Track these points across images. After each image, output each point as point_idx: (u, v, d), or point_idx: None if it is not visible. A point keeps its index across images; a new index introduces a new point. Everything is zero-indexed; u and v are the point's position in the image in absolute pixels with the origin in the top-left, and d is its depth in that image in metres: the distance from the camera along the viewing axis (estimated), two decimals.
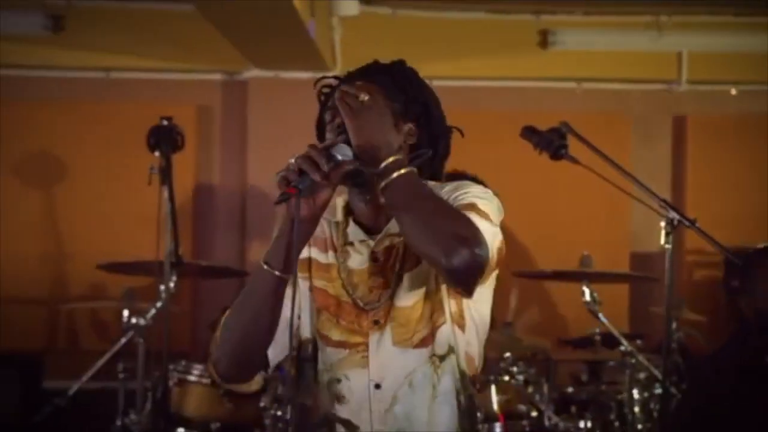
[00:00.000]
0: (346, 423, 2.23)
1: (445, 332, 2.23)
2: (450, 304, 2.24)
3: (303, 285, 2.30)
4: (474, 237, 2.05)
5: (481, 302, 2.29)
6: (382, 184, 2.10)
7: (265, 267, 2.12)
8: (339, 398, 2.25)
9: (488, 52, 6.38)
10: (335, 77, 2.33)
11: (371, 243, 2.27)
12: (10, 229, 6.11)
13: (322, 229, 2.32)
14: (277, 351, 2.26)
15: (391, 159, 2.12)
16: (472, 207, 2.15)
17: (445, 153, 2.34)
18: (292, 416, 2.34)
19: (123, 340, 4.72)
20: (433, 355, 2.22)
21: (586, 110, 6.20)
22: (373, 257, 2.27)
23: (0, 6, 5.94)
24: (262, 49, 5.95)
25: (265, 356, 2.25)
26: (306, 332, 2.30)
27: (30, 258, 6.16)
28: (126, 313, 4.70)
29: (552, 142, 3.56)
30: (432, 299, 2.23)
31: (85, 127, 6.23)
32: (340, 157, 2.11)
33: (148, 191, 4.48)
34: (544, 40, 6.30)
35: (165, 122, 4.61)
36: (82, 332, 6.21)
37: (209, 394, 4.58)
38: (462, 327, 2.25)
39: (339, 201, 2.34)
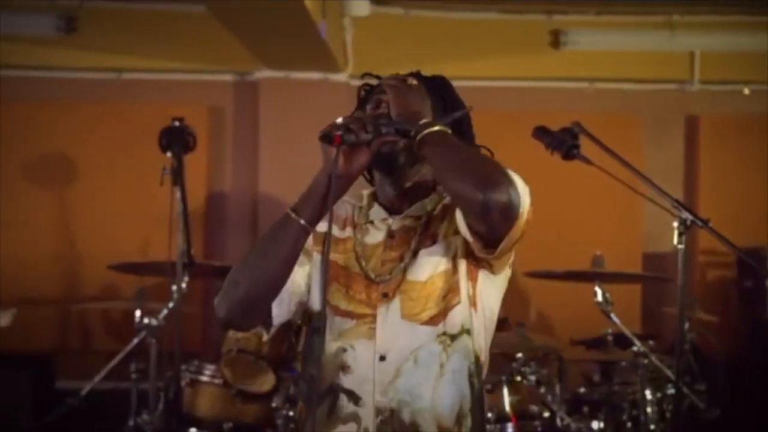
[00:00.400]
0: (350, 393, 2.24)
1: (459, 313, 2.24)
2: (468, 287, 2.26)
3: (317, 257, 2.33)
4: (510, 180, 2.11)
5: (493, 298, 2.31)
6: (419, 135, 2.15)
7: (293, 215, 2.16)
8: (344, 368, 2.25)
9: (500, 52, 6.38)
10: (377, 76, 2.39)
11: (391, 221, 2.33)
12: (22, 229, 6.13)
13: (345, 209, 2.39)
14: (281, 311, 2.28)
15: (429, 118, 2.21)
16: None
17: None
18: (301, 386, 2.36)
19: (135, 341, 4.72)
20: (444, 333, 2.23)
21: (598, 110, 6.19)
22: (390, 233, 2.31)
23: (12, 7, 5.96)
24: (274, 50, 5.95)
25: (269, 310, 2.26)
26: (316, 305, 2.31)
27: (43, 259, 6.17)
28: (138, 313, 4.70)
29: (564, 142, 3.55)
30: (448, 279, 2.25)
31: (96, 127, 6.24)
32: (384, 129, 2.18)
33: (160, 192, 4.49)
34: (555, 40, 6.29)
35: (177, 123, 4.61)
36: (94, 333, 6.22)
37: (221, 394, 4.58)
38: (476, 311, 2.28)
39: (365, 192, 2.42)
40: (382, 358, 2.22)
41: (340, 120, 2.14)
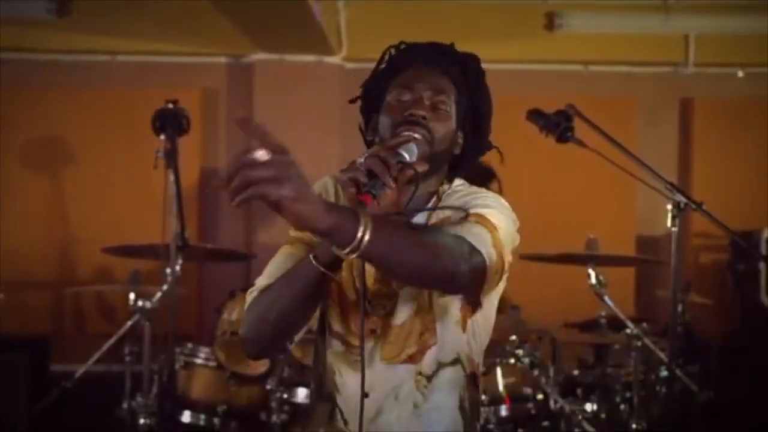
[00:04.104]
0: (341, 411, 2.22)
1: (435, 353, 2.19)
2: (454, 316, 2.20)
3: None
4: (465, 256, 2.00)
5: (487, 307, 2.26)
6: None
7: (314, 262, 2.02)
8: (336, 388, 2.23)
9: (494, 34, 6.36)
10: (407, 43, 2.37)
11: None
12: (17, 213, 6.13)
13: (326, 190, 2.26)
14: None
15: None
16: (480, 217, 2.12)
17: (474, 160, 2.32)
18: (313, 377, 2.29)
19: (129, 323, 4.72)
20: (420, 373, 2.19)
21: (592, 93, 6.19)
22: None
23: None
24: (268, 33, 5.94)
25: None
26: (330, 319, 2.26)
27: (37, 242, 6.17)
28: (132, 296, 4.69)
29: (558, 124, 3.55)
30: (423, 318, 2.18)
31: (91, 110, 6.24)
32: (407, 156, 2.03)
33: (154, 175, 4.48)
34: (550, 22, 6.27)
35: (170, 105, 4.59)
36: (88, 315, 6.23)
37: (215, 377, 4.59)
38: (464, 329, 2.22)
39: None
40: (366, 395, 2.15)
41: (360, 160, 1.94)
